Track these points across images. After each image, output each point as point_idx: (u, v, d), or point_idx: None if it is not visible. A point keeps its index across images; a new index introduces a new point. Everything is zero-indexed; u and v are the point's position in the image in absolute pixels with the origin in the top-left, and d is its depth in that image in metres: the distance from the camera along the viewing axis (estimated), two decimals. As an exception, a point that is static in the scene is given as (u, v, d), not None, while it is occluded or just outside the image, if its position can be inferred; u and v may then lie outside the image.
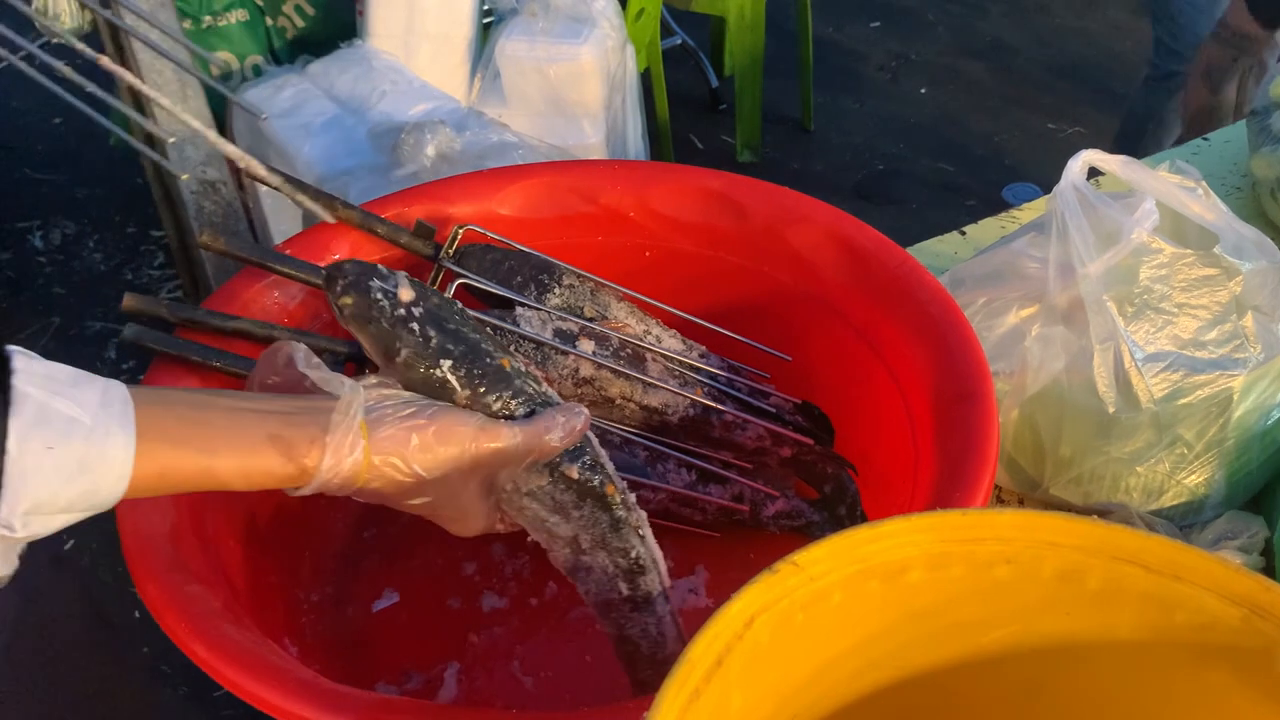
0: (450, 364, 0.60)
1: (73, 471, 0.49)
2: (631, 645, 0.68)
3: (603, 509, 0.64)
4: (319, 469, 0.55)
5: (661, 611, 0.67)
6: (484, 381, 0.61)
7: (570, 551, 0.65)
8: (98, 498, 0.51)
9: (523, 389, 0.62)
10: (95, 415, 0.50)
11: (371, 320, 0.61)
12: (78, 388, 0.50)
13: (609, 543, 0.65)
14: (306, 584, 0.86)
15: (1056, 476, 0.92)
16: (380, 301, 0.61)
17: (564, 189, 0.95)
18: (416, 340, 0.61)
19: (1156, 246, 0.87)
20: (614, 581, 0.66)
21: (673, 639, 0.68)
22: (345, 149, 1.57)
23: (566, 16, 1.83)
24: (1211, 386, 0.87)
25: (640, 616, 0.67)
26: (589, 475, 0.63)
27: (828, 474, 0.88)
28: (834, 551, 0.48)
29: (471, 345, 0.62)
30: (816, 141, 2.81)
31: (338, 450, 0.55)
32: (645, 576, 0.66)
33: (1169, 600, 0.49)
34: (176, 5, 1.63)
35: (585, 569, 0.66)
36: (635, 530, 0.65)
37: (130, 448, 0.51)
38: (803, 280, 0.91)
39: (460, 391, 0.61)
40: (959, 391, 0.75)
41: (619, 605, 0.66)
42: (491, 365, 0.62)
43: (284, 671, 0.60)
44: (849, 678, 0.53)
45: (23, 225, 2.54)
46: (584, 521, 0.64)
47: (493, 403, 0.61)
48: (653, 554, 0.67)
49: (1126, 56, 3.05)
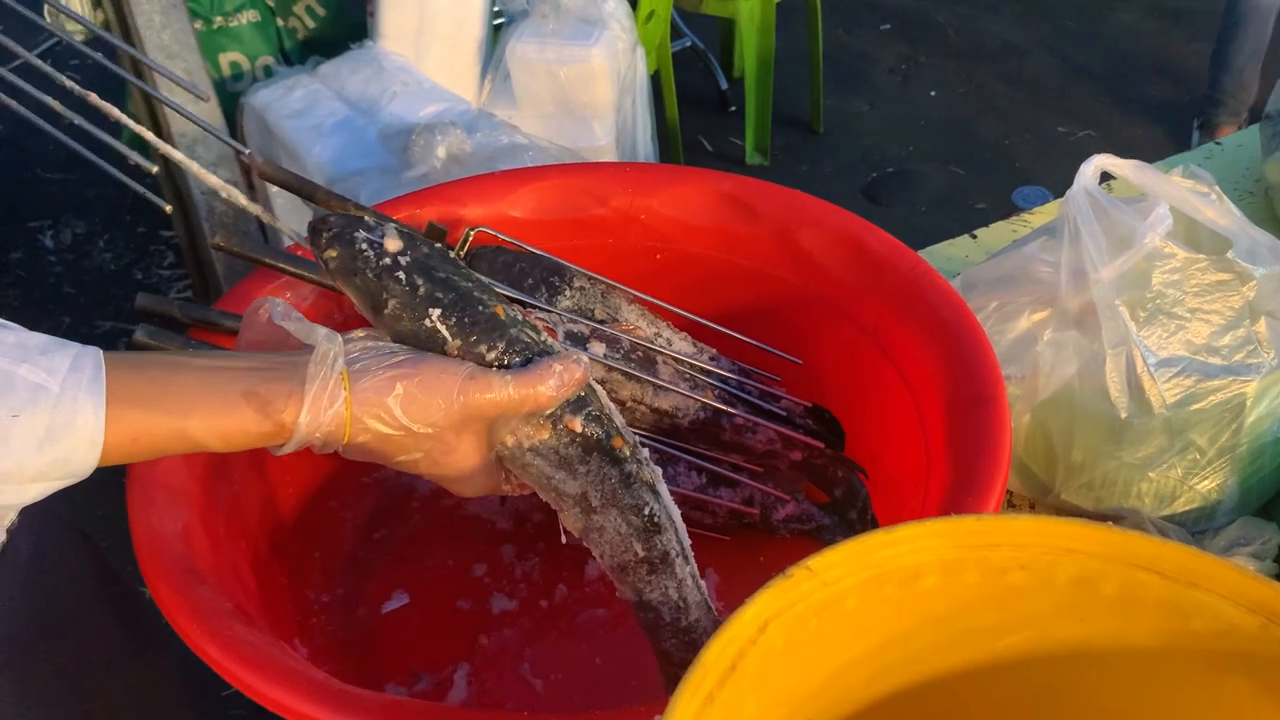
0: (440, 312, 0.58)
1: (41, 439, 0.48)
2: (652, 612, 0.63)
3: (611, 463, 0.60)
4: (298, 424, 0.53)
5: (681, 573, 0.62)
6: (476, 330, 0.58)
7: (580, 511, 0.61)
8: (71, 465, 0.50)
9: (518, 337, 0.59)
10: (63, 381, 0.49)
11: (357, 272, 0.59)
12: (47, 355, 0.50)
13: (620, 499, 0.60)
14: (316, 585, 0.86)
15: (1068, 481, 0.91)
16: (365, 252, 0.59)
17: (575, 191, 0.95)
18: (403, 289, 0.58)
19: (1169, 251, 0.87)
20: (628, 542, 0.61)
21: (695, 604, 0.63)
22: (356, 150, 1.58)
23: (577, 18, 1.83)
24: (1224, 392, 0.86)
25: (659, 579, 0.62)
26: (594, 428, 0.60)
27: (838, 478, 0.88)
28: (848, 556, 0.48)
29: (462, 293, 0.59)
30: (826, 144, 2.81)
31: (316, 402, 0.53)
32: (662, 535, 0.61)
33: (1185, 607, 0.49)
34: (188, 6, 1.63)
35: (598, 530, 0.61)
36: (648, 485, 0.61)
37: (100, 413, 0.49)
38: (814, 283, 0.91)
39: (451, 341, 0.57)
40: (971, 396, 0.75)
41: (635, 568, 0.62)
42: (484, 313, 0.59)
43: (296, 673, 0.60)
44: (863, 683, 0.52)
45: (34, 225, 2.55)
46: (592, 477, 0.60)
47: (485, 352, 0.58)
48: (668, 511, 0.63)
49: (1137, 59, 3.04)
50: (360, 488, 0.94)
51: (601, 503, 0.61)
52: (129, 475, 0.72)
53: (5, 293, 2.39)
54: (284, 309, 0.58)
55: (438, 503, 0.95)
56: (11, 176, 2.66)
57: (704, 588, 0.64)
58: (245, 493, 0.80)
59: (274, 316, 0.57)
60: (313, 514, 0.89)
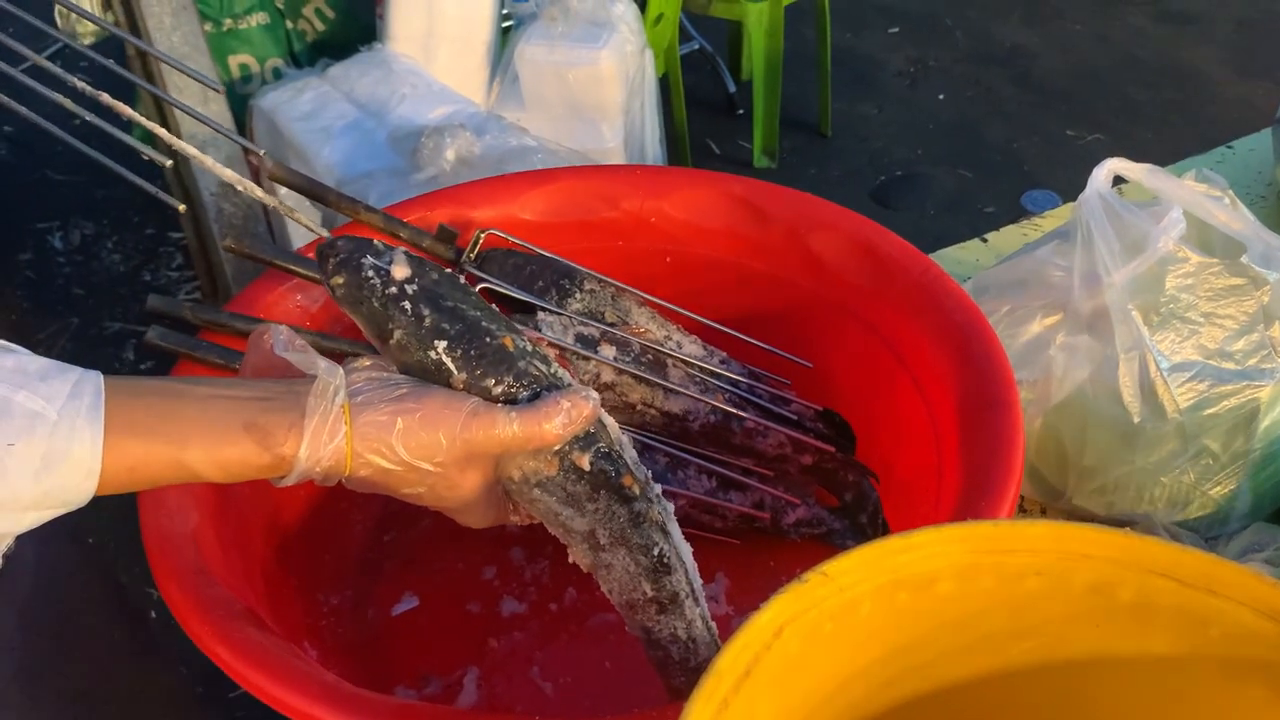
0: (445, 344, 0.56)
1: (37, 468, 0.47)
2: (661, 650, 0.63)
3: (620, 502, 0.59)
4: (297, 458, 0.52)
5: (691, 615, 0.61)
6: (482, 363, 0.57)
7: (588, 548, 0.61)
8: (67, 495, 0.49)
9: (526, 370, 0.57)
10: (61, 409, 0.48)
11: (363, 301, 0.58)
12: (46, 381, 0.49)
13: (629, 539, 0.59)
14: (326, 587, 0.86)
15: (1080, 486, 0.91)
16: (372, 280, 0.57)
17: (586, 194, 0.95)
18: (409, 320, 0.57)
19: (1183, 255, 0.87)
20: (637, 581, 0.60)
21: (704, 644, 0.62)
22: (365, 152, 1.58)
23: (586, 21, 1.83)
24: (1238, 397, 0.86)
25: (668, 619, 0.61)
26: (603, 465, 0.58)
27: (849, 482, 0.88)
28: (863, 562, 0.48)
29: (470, 323, 0.58)
30: (834, 147, 2.81)
31: (315, 436, 0.52)
32: (671, 576, 0.60)
33: (1203, 614, 0.48)
34: (198, 8, 1.63)
35: (606, 567, 0.61)
36: (658, 525, 0.60)
37: (98, 443, 0.49)
38: (825, 286, 0.91)
39: (457, 374, 0.56)
40: (984, 400, 0.75)
41: (644, 607, 0.61)
42: (492, 345, 0.57)
43: (307, 675, 0.60)
44: (877, 689, 0.52)
45: (43, 226, 2.56)
46: (600, 515, 0.59)
47: (492, 386, 0.56)
48: (679, 551, 0.61)
49: (1146, 63, 3.03)
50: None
51: (610, 541, 0.60)
52: (140, 477, 0.72)
53: (14, 293, 2.39)
54: (287, 338, 0.57)
55: (447, 505, 0.94)
56: (20, 178, 2.66)
57: (714, 629, 0.63)
58: (255, 495, 0.80)
59: (276, 347, 0.56)
60: (323, 516, 0.89)
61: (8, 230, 2.55)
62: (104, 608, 1.08)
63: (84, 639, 0.93)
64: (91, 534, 1.86)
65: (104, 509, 1.52)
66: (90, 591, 1.04)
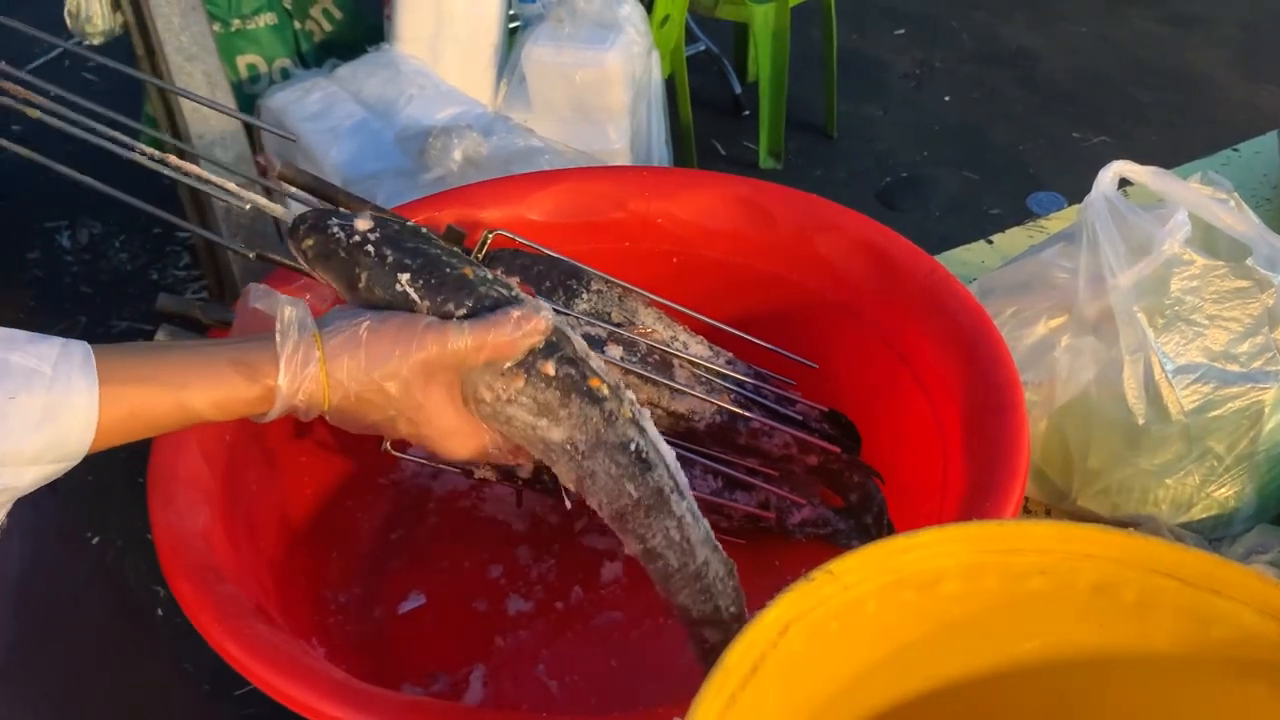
0: (408, 276, 0.60)
1: (38, 419, 0.50)
2: (660, 559, 0.62)
3: (591, 402, 0.60)
4: (278, 385, 0.55)
5: (679, 510, 0.62)
6: (444, 290, 0.60)
7: (570, 460, 0.61)
8: (67, 446, 0.52)
9: (487, 294, 0.60)
10: (55, 365, 0.51)
11: (331, 254, 0.61)
12: (35, 344, 0.52)
13: (605, 439, 0.61)
14: (334, 584, 0.87)
15: (1084, 488, 0.91)
16: (337, 234, 0.61)
17: (593, 195, 0.96)
18: (373, 260, 0.60)
19: (1188, 258, 0.87)
20: (620, 485, 0.61)
21: (699, 542, 0.63)
22: (373, 152, 1.59)
23: (592, 22, 1.84)
24: (1243, 399, 0.86)
25: (658, 520, 0.62)
26: (568, 369, 0.60)
27: (854, 482, 0.88)
28: (869, 561, 0.48)
29: (430, 258, 0.61)
30: (839, 148, 2.81)
31: (290, 362, 0.56)
32: (652, 472, 0.61)
33: (1206, 614, 0.48)
34: (206, 8, 1.64)
35: (590, 476, 0.61)
36: (631, 422, 0.61)
37: (94, 392, 0.52)
38: (831, 288, 0.91)
39: (420, 303, 0.59)
40: (989, 402, 0.75)
41: (633, 513, 0.62)
42: (452, 274, 0.60)
43: (318, 672, 0.60)
44: (882, 687, 0.53)
45: (50, 225, 2.57)
46: (574, 420, 0.60)
47: (454, 310, 0.59)
48: (657, 447, 0.63)
49: (1152, 65, 3.03)
50: (377, 488, 0.94)
51: (588, 446, 0.61)
52: (149, 473, 0.72)
53: (22, 292, 2.40)
54: (258, 291, 0.60)
55: (454, 504, 0.95)
56: (29, 177, 2.67)
57: (706, 525, 0.64)
58: (264, 492, 0.81)
59: (251, 300, 0.59)
60: (330, 514, 0.89)
61: (16, 229, 2.56)
62: (108, 605, 1.09)
63: (88, 636, 0.93)
64: (96, 532, 1.87)
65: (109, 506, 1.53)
66: (94, 589, 1.05)
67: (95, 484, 1.61)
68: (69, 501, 0.56)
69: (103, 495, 1.88)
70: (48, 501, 0.58)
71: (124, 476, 0.60)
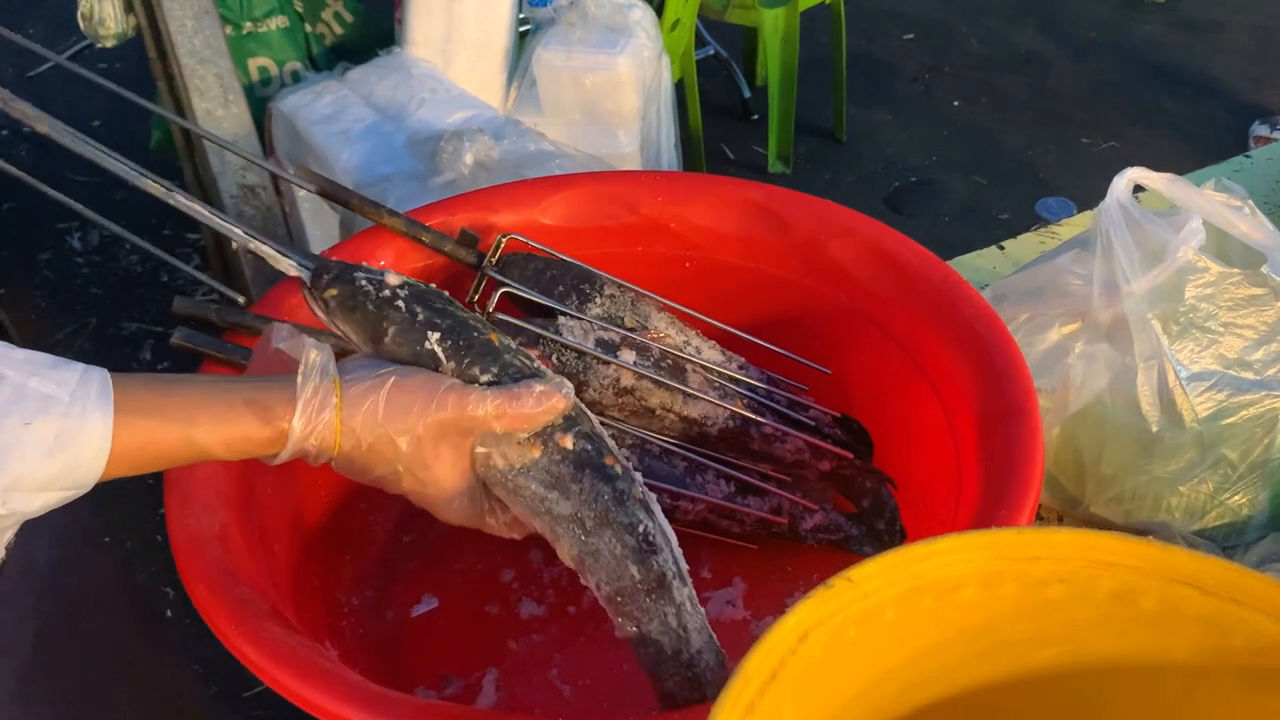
0: (438, 336, 0.60)
1: (51, 446, 0.50)
2: (653, 646, 0.62)
3: (603, 480, 0.61)
4: (292, 428, 0.56)
5: (680, 597, 0.61)
6: (469, 353, 0.60)
7: (575, 535, 0.61)
8: (78, 474, 0.52)
9: (511, 362, 0.61)
10: (73, 393, 0.51)
11: (358, 306, 0.61)
12: (56, 370, 0.52)
13: (614, 518, 0.60)
14: (347, 587, 0.87)
15: (1097, 495, 0.91)
16: (365, 287, 0.62)
17: (606, 199, 0.96)
18: (403, 316, 0.61)
19: (1203, 265, 0.87)
20: (624, 565, 0.61)
21: (696, 631, 0.62)
22: (384, 156, 1.59)
23: (603, 26, 1.84)
24: (1257, 407, 0.86)
25: (657, 605, 0.61)
26: (585, 444, 0.61)
27: (866, 488, 0.88)
28: (888, 568, 0.48)
29: (459, 320, 0.62)
30: (848, 153, 2.81)
31: (308, 406, 0.56)
32: (657, 556, 0.61)
33: (1225, 623, 0.48)
34: (218, 11, 1.65)
35: (593, 554, 0.61)
36: (641, 503, 0.61)
37: (108, 422, 0.52)
38: (844, 293, 0.91)
39: (446, 363, 0.60)
40: (1004, 408, 0.75)
41: (632, 593, 0.61)
42: (479, 339, 0.61)
43: (333, 675, 0.60)
44: (899, 694, 0.53)
45: (61, 227, 2.58)
46: (585, 496, 0.60)
47: (479, 374, 0.60)
48: (663, 530, 0.62)
49: (1162, 71, 3.03)
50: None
51: (595, 523, 0.61)
52: (166, 476, 0.72)
53: (34, 293, 2.41)
54: (282, 331, 0.60)
55: (466, 507, 0.95)
56: (40, 179, 2.68)
57: (703, 614, 0.63)
58: (279, 495, 0.81)
59: (274, 340, 0.59)
60: (343, 517, 0.89)
61: (27, 230, 2.57)
62: (119, 606, 1.09)
63: (99, 637, 0.93)
64: (108, 533, 1.87)
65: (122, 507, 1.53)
66: (105, 590, 1.05)
67: (106, 485, 1.62)
68: (79, 504, 0.56)
69: (114, 497, 1.88)
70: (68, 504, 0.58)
71: (136, 478, 0.61)
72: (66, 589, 0.88)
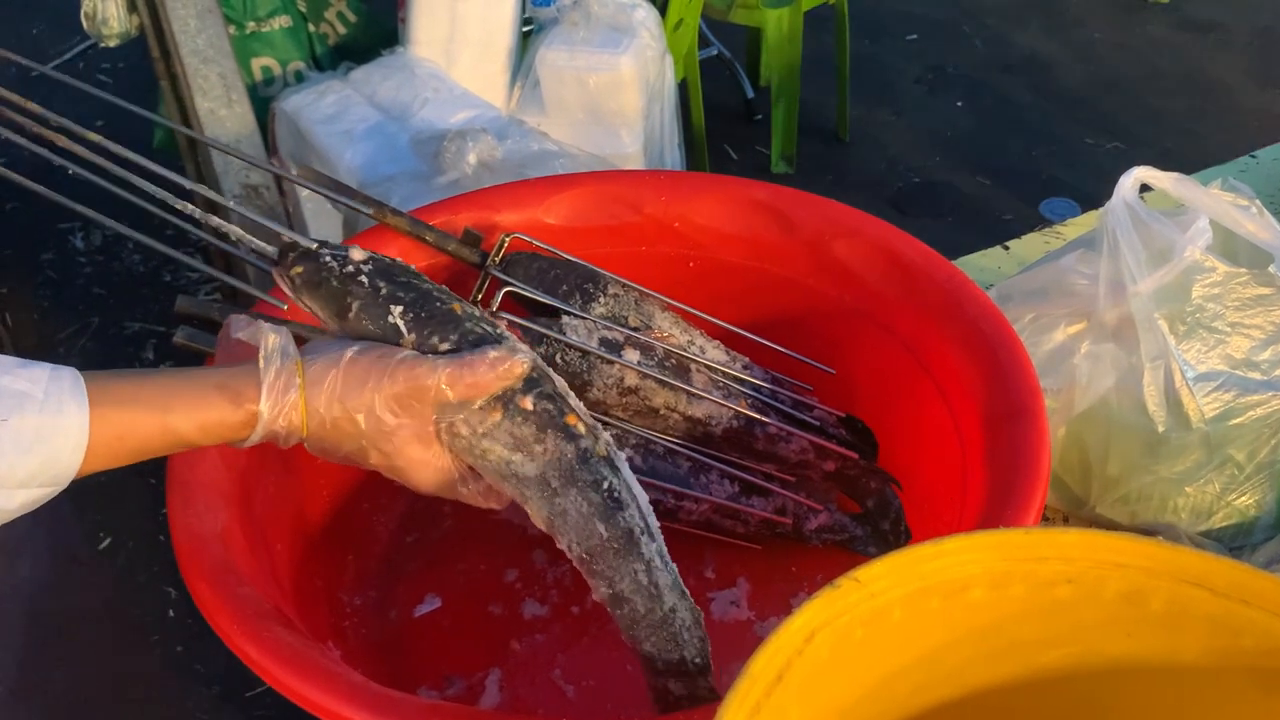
0: (400, 309, 0.61)
1: (30, 442, 0.51)
2: (628, 605, 0.62)
3: (566, 439, 0.61)
4: (260, 410, 0.56)
5: (648, 553, 0.62)
6: (430, 323, 0.61)
7: (542, 497, 0.61)
8: (57, 468, 0.52)
9: (472, 329, 0.61)
10: (46, 389, 0.52)
11: (322, 282, 0.62)
12: (26, 368, 0.53)
13: (578, 477, 0.61)
14: (350, 587, 0.87)
15: (1103, 495, 0.91)
16: (330, 263, 0.62)
17: (609, 199, 0.96)
18: (366, 291, 0.61)
19: (1209, 265, 0.86)
20: (591, 523, 0.61)
21: (667, 587, 0.62)
22: (387, 156, 1.59)
23: (606, 26, 1.84)
24: (1264, 407, 0.86)
25: (627, 563, 0.61)
26: (545, 405, 0.61)
27: (871, 488, 0.88)
28: (895, 568, 0.48)
29: (422, 292, 0.62)
30: (852, 153, 2.80)
31: (273, 388, 0.57)
32: (624, 512, 0.61)
33: (1235, 624, 0.48)
34: (221, 10, 1.64)
35: (561, 515, 0.61)
36: (605, 460, 0.61)
37: (84, 414, 0.52)
38: (849, 293, 0.91)
39: (408, 335, 0.61)
40: (1010, 409, 0.75)
41: (602, 552, 0.61)
42: (441, 309, 0.62)
43: (336, 676, 0.60)
44: (907, 695, 0.52)
45: (64, 226, 2.58)
46: (549, 456, 0.60)
47: (438, 344, 0.60)
48: (629, 486, 0.62)
49: (1166, 71, 3.02)
50: (393, 491, 0.93)
51: (561, 482, 0.61)
52: (168, 476, 0.72)
53: (36, 293, 2.41)
54: (244, 321, 0.61)
55: (469, 507, 0.95)
56: (43, 178, 2.68)
57: (674, 569, 0.64)
58: (281, 495, 0.80)
59: (233, 330, 0.60)
60: (346, 516, 0.89)
61: (30, 230, 2.57)
62: (120, 606, 1.09)
63: (99, 637, 0.93)
64: (108, 534, 1.87)
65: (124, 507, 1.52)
66: (106, 590, 1.05)
67: (107, 485, 1.61)
68: (81, 504, 0.56)
69: (114, 497, 1.88)
70: (64, 506, 0.58)
71: (136, 478, 0.60)
72: (63, 589, 0.88)
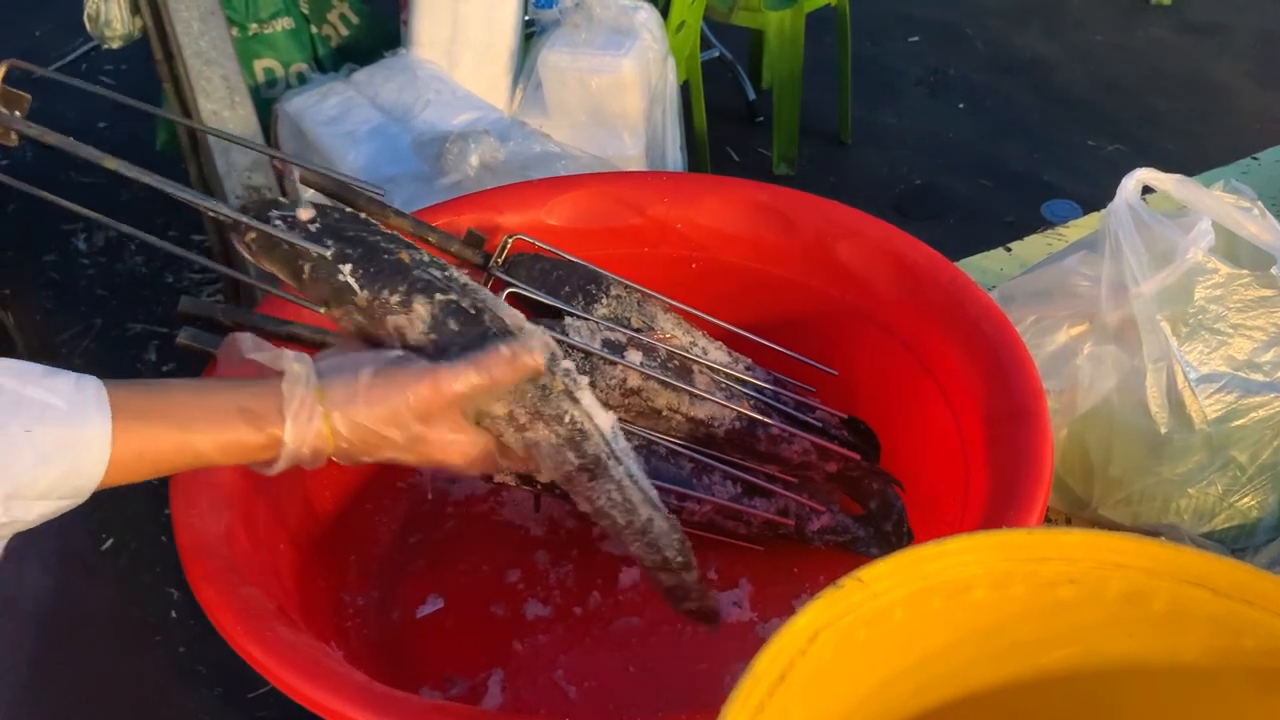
0: (350, 267, 0.62)
1: (51, 453, 0.50)
2: (607, 518, 0.68)
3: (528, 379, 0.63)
4: (284, 442, 0.57)
5: (618, 475, 0.66)
6: (380, 278, 0.62)
7: (515, 432, 0.64)
8: (78, 480, 0.52)
9: (421, 277, 0.62)
10: (70, 400, 0.52)
11: (275, 245, 0.63)
12: (50, 378, 0.52)
13: (542, 412, 0.64)
14: (353, 588, 0.87)
15: (1105, 497, 0.91)
16: (279, 227, 0.63)
17: (612, 200, 0.96)
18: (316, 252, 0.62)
19: (1212, 266, 0.86)
20: (562, 453, 0.65)
21: (640, 502, 0.68)
22: (389, 157, 1.59)
23: (608, 28, 1.84)
24: (1267, 409, 0.86)
25: (600, 485, 0.66)
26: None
27: (873, 490, 0.88)
28: (898, 568, 0.48)
29: (370, 246, 0.63)
30: (853, 155, 2.80)
31: (297, 419, 0.57)
32: (589, 441, 0.65)
33: (1237, 625, 0.48)
34: (224, 13, 1.65)
35: (535, 446, 0.65)
36: (566, 394, 0.64)
37: (106, 427, 0.52)
38: (851, 294, 0.91)
39: (360, 293, 0.61)
40: (1012, 410, 0.75)
41: (577, 478, 0.66)
42: (389, 260, 0.63)
43: (340, 676, 0.60)
44: (909, 695, 0.52)
45: (67, 228, 2.58)
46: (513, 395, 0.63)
47: (389, 298, 0.61)
48: (591, 416, 0.65)
49: (1168, 73, 3.02)
50: (396, 492, 0.94)
51: (528, 418, 0.64)
52: (172, 478, 0.72)
53: (39, 294, 2.41)
54: (253, 342, 0.61)
55: (472, 508, 0.95)
56: (45, 179, 2.68)
57: (646, 486, 0.68)
58: (285, 495, 0.81)
59: (244, 350, 0.61)
60: (349, 517, 0.89)
61: (33, 232, 2.57)
62: (123, 607, 1.09)
63: (101, 638, 0.93)
64: (113, 534, 1.87)
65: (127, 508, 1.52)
66: (108, 591, 1.05)
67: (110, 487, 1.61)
68: (84, 506, 0.56)
69: (116, 498, 1.88)
70: (72, 510, 0.58)
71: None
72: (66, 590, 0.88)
